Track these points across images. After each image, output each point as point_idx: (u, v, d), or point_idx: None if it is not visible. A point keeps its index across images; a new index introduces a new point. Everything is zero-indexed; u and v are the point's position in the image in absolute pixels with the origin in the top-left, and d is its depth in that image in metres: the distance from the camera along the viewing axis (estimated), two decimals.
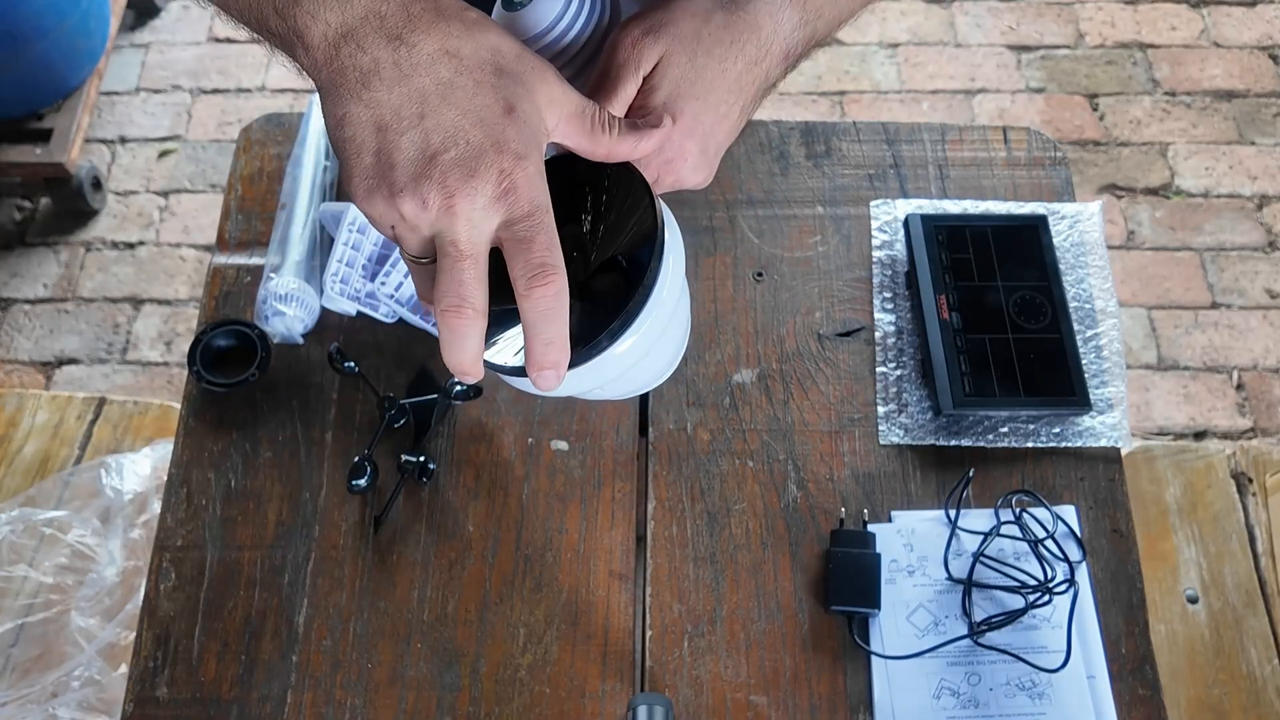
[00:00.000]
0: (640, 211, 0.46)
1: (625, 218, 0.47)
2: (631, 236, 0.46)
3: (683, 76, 0.50)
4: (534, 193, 0.44)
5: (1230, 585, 1.03)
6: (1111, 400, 0.79)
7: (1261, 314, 1.72)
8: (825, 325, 0.83)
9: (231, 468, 0.77)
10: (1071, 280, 0.83)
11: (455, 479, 0.77)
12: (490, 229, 0.44)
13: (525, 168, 0.43)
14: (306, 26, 0.45)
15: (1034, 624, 0.71)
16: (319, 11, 0.44)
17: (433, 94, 0.43)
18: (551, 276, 0.43)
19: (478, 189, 0.43)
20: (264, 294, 0.80)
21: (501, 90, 0.44)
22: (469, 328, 0.45)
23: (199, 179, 1.87)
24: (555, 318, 0.44)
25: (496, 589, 0.73)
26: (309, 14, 0.44)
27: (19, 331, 1.72)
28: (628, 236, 0.47)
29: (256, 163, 0.91)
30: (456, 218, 0.43)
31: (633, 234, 0.46)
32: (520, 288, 0.44)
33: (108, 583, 1.02)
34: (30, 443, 1.13)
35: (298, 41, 0.46)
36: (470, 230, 0.43)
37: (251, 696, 0.70)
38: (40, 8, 1.60)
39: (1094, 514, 0.76)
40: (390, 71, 0.43)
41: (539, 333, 0.44)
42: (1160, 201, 1.84)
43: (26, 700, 0.96)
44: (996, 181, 0.89)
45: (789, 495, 0.76)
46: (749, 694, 0.70)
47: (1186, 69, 1.99)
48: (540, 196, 0.44)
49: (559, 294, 0.44)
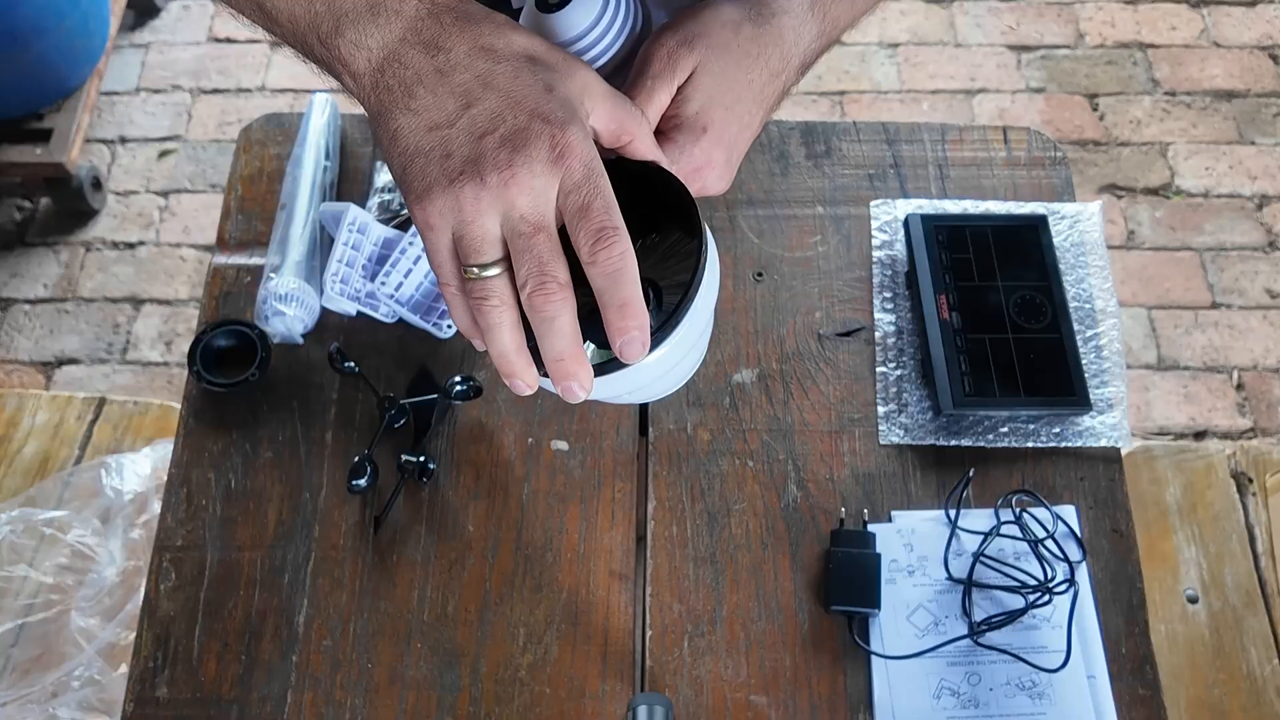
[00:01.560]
0: (682, 221, 0.47)
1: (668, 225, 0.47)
2: (673, 244, 0.47)
3: (714, 87, 0.51)
4: (586, 154, 0.44)
5: (1230, 585, 1.03)
6: (1111, 400, 0.79)
7: (1261, 314, 1.72)
8: (825, 325, 0.83)
9: (231, 468, 0.77)
10: (1071, 280, 0.83)
11: (455, 479, 0.77)
12: (551, 196, 0.44)
13: (574, 131, 0.44)
14: (351, 55, 0.46)
15: (1034, 624, 0.71)
16: (361, 39, 0.46)
17: (475, 86, 0.44)
18: (614, 237, 0.43)
19: (532, 156, 0.43)
20: (264, 294, 0.80)
21: (539, 74, 0.45)
22: (559, 306, 0.44)
23: (199, 179, 1.87)
24: (625, 278, 0.44)
25: (496, 589, 0.73)
26: (352, 44, 0.46)
27: (19, 331, 1.72)
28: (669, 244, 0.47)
29: (256, 163, 0.91)
30: (519, 190, 0.43)
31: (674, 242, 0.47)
32: (585, 255, 0.44)
33: (108, 583, 1.02)
34: (30, 443, 1.13)
35: (343, 70, 0.47)
36: (534, 200, 0.44)
37: (251, 697, 0.70)
38: (40, 8, 1.60)
39: (1094, 514, 0.76)
40: (431, 78, 0.45)
41: (613, 295, 0.44)
42: (1160, 201, 1.84)
43: (26, 700, 0.96)
44: (996, 181, 0.89)
45: (789, 495, 0.76)
46: (749, 694, 0.70)
47: (1186, 69, 1.99)
48: (592, 158, 0.44)
49: (624, 254, 0.43)
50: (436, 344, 0.81)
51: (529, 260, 0.44)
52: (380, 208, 0.87)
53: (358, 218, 0.82)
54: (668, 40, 0.51)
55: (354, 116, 0.93)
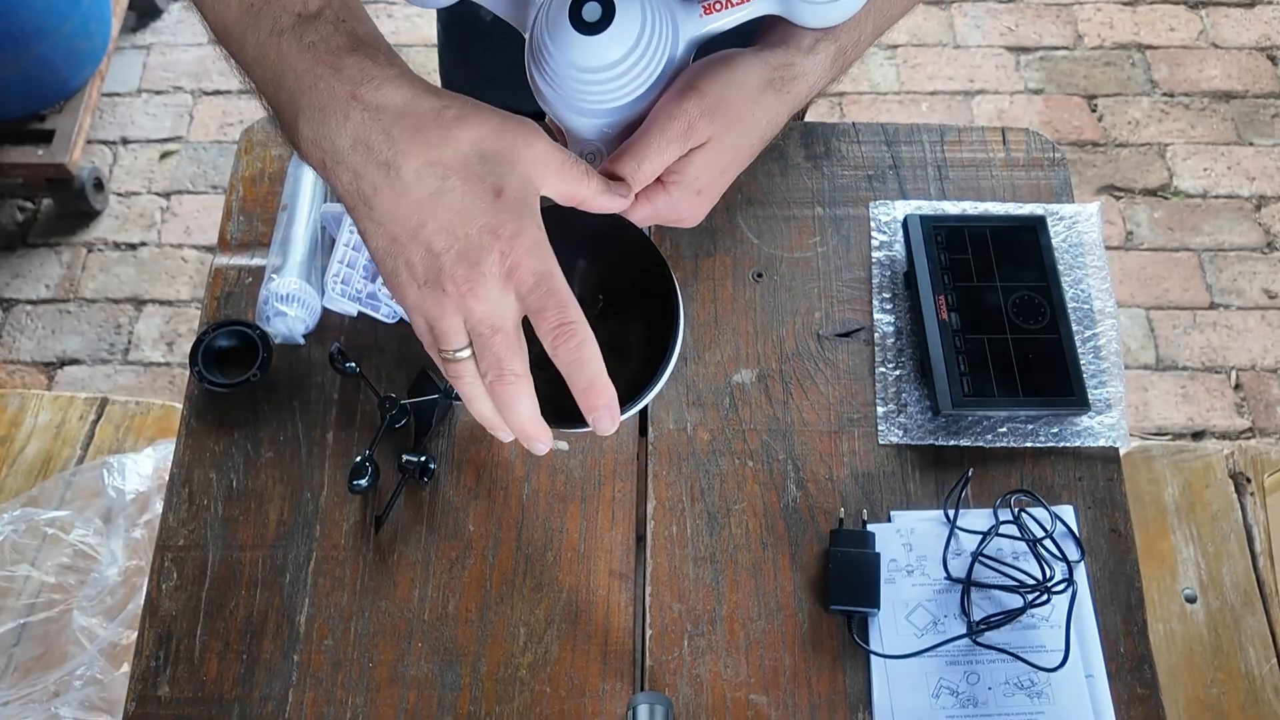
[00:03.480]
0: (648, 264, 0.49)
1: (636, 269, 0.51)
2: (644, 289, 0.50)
3: (720, 158, 0.53)
4: (535, 264, 0.47)
5: (1228, 585, 1.03)
6: (1110, 400, 0.79)
7: (1260, 314, 1.72)
8: (825, 325, 0.83)
9: (233, 468, 0.77)
10: (1070, 281, 0.84)
11: (456, 479, 0.77)
12: (509, 301, 0.48)
13: (523, 243, 0.47)
14: (309, 152, 0.49)
15: (1032, 623, 0.72)
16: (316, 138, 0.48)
17: (426, 203, 0.47)
18: (570, 332, 0.47)
19: (485, 272, 0.47)
20: (265, 294, 0.80)
21: (487, 178, 0.47)
22: (515, 392, 0.50)
23: (200, 180, 1.87)
24: (586, 365, 0.48)
25: (497, 588, 0.73)
26: (309, 141, 0.48)
27: (21, 332, 1.72)
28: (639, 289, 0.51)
29: (258, 164, 0.91)
30: (475, 300, 0.47)
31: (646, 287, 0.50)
32: (549, 347, 0.48)
33: (110, 582, 1.02)
34: (32, 443, 1.13)
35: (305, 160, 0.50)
36: (489, 307, 0.48)
37: (253, 696, 0.70)
38: (41, 9, 1.60)
39: (1092, 514, 0.76)
40: (387, 193, 0.47)
41: (577, 380, 0.49)
42: (1159, 202, 1.84)
43: (29, 699, 0.96)
44: (995, 182, 0.90)
45: (788, 495, 0.76)
46: (749, 693, 0.70)
47: (1185, 70, 1.99)
48: (541, 265, 0.47)
49: (581, 344, 0.48)
50: None
51: (488, 356, 0.49)
52: None
53: None
54: (690, 108, 0.51)
55: None
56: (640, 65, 0.47)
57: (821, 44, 0.54)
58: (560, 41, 0.46)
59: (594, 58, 0.46)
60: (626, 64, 0.47)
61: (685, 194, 0.53)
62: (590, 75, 0.47)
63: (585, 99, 0.48)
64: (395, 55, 0.49)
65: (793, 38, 0.54)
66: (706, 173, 0.53)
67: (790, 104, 0.55)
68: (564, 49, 0.46)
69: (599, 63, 0.47)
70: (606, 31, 0.45)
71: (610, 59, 0.46)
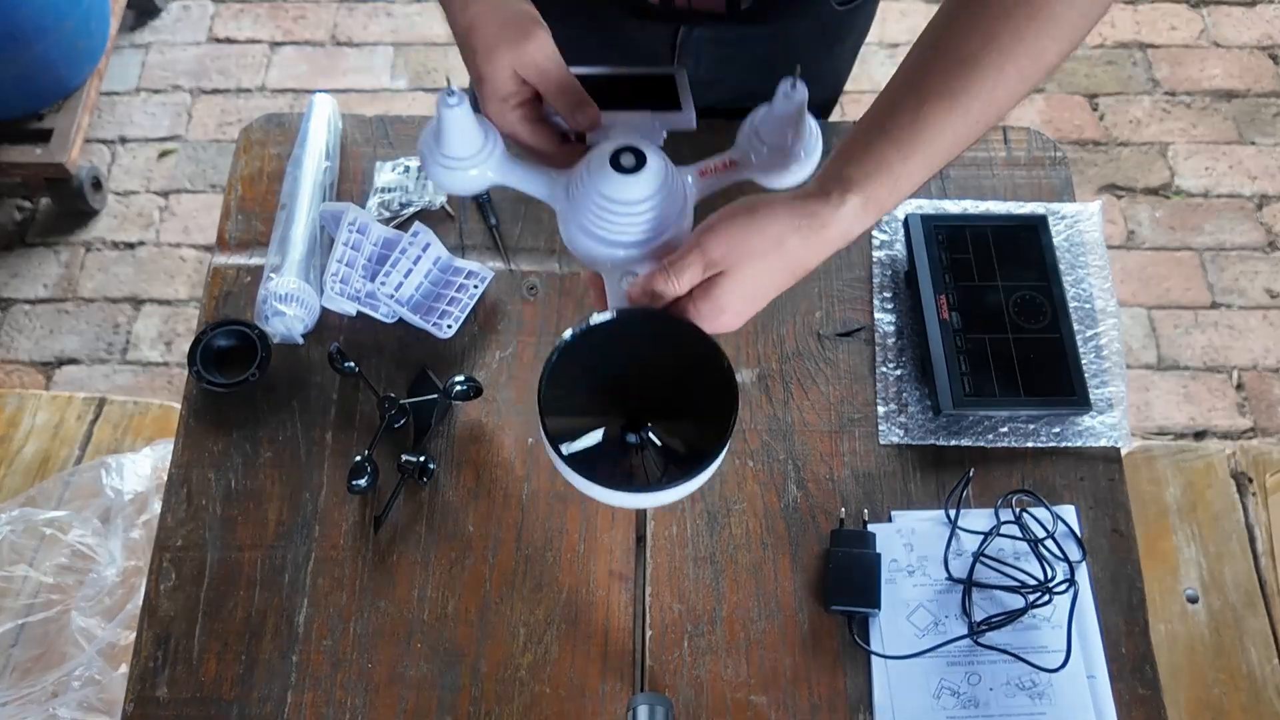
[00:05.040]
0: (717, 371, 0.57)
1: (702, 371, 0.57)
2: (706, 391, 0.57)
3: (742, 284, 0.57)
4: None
5: (1230, 585, 1.03)
6: (1111, 400, 0.79)
7: (1261, 314, 1.72)
8: (825, 325, 0.83)
9: (232, 468, 0.77)
10: (1071, 280, 0.83)
11: (455, 479, 0.77)
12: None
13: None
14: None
15: (1034, 624, 0.71)
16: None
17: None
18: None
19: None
20: (264, 294, 0.80)
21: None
22: None
23: (199, 179, 1.87)
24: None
25: (497, 589, 0.73)
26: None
27: (19, 332, 1.72)
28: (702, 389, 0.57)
29: (256, 163, 0.91)
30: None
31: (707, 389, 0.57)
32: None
33: (108, 583, 1.02)
34: (31, 443, 1.13)
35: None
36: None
37: (252, 696, 0.70)
38: (40, 8, 1.60)
39: (1094, 514, 0.76)
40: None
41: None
42: (1160, 201, 1.84)
43: (27, 700, 0.96)
44: (996, 181, 0.89)
45: (789, 495, 0.76)
46: (749, 694, 0.70)
47: (1186, 69, 1.99)
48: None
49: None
50: (436, 344, 0.82)
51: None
52: (380, 207, 0.88)
53: (358, 218, 0.82)
54: (709, 246, 0.56)
55: (354, 117, 0.93)
56: (658, 206, 0.59)
57: (849, 196, 0.56)
58: (602, 180, 0.59)
59: (627, 193, 0.59)
60: (650, 203, 0.59)
61: (709, 314, 0.57)
62: (622, 208, 0.59)
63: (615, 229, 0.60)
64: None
65: (820, 188, 0.57)
66: (727, 297, 0.57)
67: (820, 246, 0.57)
68: (604, 186, 0.59)
69: (631, 197, 0.59)
70: (639, 174, 0.58)
71: (639, 195, 0.59)
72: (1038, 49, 0.56)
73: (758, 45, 0.84)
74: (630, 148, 0.60)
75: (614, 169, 0.59)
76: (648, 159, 0.59)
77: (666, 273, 0.57)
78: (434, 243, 0.83)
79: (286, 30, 2.03)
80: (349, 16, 2.05)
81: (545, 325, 0.83)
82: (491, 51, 0.62)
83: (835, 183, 0.57)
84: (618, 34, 0.84)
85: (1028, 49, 0.56)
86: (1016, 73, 0.56)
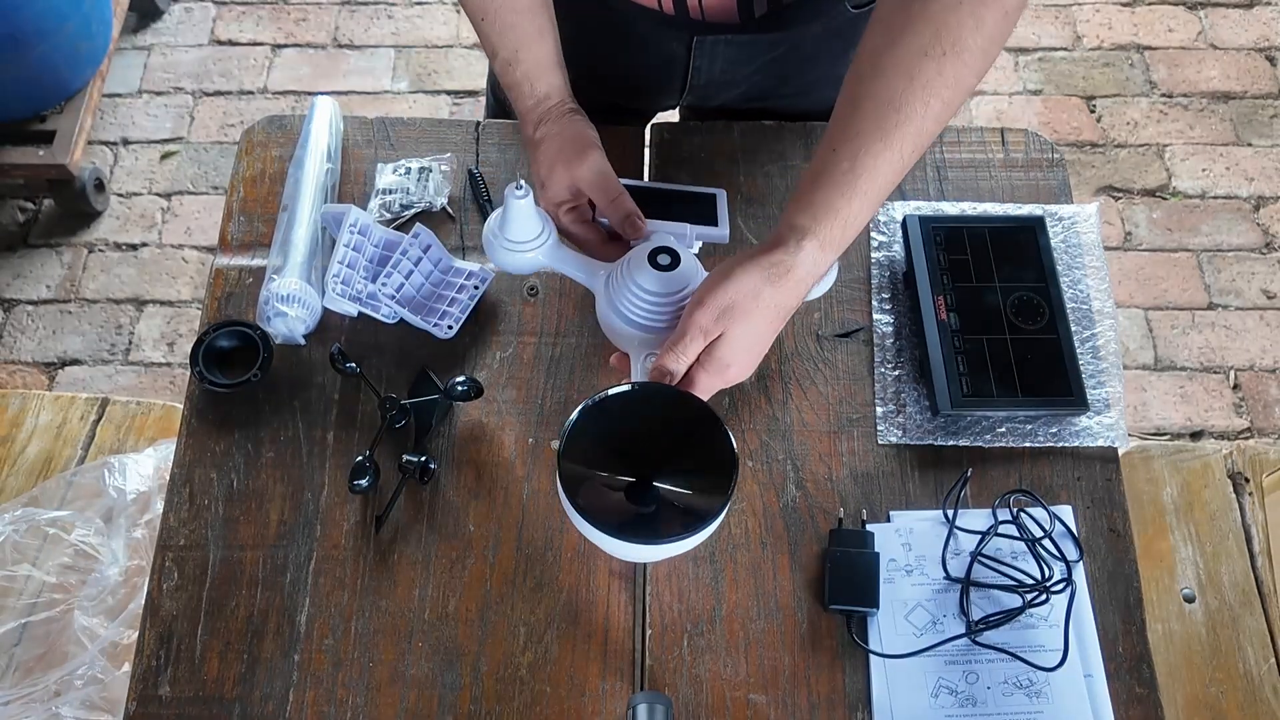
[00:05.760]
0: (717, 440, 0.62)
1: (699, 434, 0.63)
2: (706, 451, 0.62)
3: (737, 341, 0.65)
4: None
5: (1227, 584, 1.03)
6: (1109, 400, 0.79)
7: (1258, 314, 1.73)
8: (824, 326, 0.83)
9: (234, 468, 0.78)
10: (1069, 281, 0.84)
11: (456, 479, 0.77)
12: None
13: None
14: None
15: (1031, 623, 0.72)
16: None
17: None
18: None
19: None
20: (266, 295, 0.80)
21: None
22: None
23: (201, 180, 1.87)
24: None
25: (497, 588, 0.74)
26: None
27: (22, 332, 1.72)
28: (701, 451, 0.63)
29: (258, 164, 0.91)
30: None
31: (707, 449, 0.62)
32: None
33: (111, 582, 1.02)
34: (34, 443, 1.13)
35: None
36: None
37: (254, 695, 0.70)
38: (42, 10, 1.60)
39: (1091, 513, 0.76)
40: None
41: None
42: (1157, 203, 1.84)
43: (30, 699, 0.96)
44: (994, 183, 0.90)
45: (788, 495, 0.77)
46: (748, 693, 0.70)
47: (1184, 71, 1.99)
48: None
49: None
50: (437, 344, 0.82)
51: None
52: (381, 209, 0.88)
53: (359, 219, 0.82)
54: (705, 317, 0.64)
55: (355, 119, 0.93)
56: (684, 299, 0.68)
57: (805, 241, 0.64)
58: (640, 274, 0.68)
59: (661, 287, 0.68)
60: (677, 296, 0.68)
61: (717, 370, 0.65)
62: (654, 299, 0.68)
63: (646, 316, 0.69)
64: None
65: (778, 239, 0.65)
66: (728, 355, 0.65)
67: (790, 290, 0.65)
68: (642, 279, 0.68)
69: (663, 290, 0.68)
70: (672, 272, 0.68)
71: (670, 290, 0.68)
72: (956, 79, 0.61)
73: (772, 49, 0.86)
74: (667, 248, 0.69)
75: (651, 266, 0.68)
76: (681, 260, 0.69)
77: (673, 351, 0.65)
78: (435, 244, 0.83)
79: (288, 32, 2.03)
80: (350, 19, 2.06)
81: (545, 326, 0.83)
82: (553, 166, 0.73)
83: (791, 231, 0.65)
84: (635, 37, 0.86)
85: (947, 81, 0.61)
86: (941, 104, 0.61)
